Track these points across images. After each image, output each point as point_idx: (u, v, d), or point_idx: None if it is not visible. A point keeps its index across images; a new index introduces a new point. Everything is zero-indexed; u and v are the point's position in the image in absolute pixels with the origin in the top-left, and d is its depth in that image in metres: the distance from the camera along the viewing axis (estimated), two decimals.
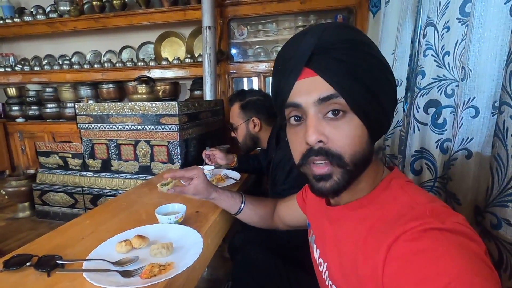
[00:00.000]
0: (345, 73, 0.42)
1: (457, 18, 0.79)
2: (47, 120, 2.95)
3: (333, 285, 0.50)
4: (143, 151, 1.70)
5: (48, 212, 1.96)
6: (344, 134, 0.43)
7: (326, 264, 0.53)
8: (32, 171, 2.18)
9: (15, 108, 3.09)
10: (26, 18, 2.86)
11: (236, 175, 1.24)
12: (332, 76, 0.42)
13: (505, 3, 0.64)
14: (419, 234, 0.36)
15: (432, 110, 0.86)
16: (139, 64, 2.72)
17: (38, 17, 2.83)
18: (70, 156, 1.86)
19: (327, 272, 0.53)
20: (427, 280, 0.33)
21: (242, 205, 0.82)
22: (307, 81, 0.43)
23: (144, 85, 1.82)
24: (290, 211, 0.76)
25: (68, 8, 2.75)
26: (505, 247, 0.54)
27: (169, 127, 1.62)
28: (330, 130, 0.43)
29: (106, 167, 1.80)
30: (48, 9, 2.89)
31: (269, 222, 0.83)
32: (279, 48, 2.58)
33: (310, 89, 0.43)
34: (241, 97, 1.26)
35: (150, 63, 2.69)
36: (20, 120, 2.99)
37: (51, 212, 1.96)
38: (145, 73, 2.63)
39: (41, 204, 1.97)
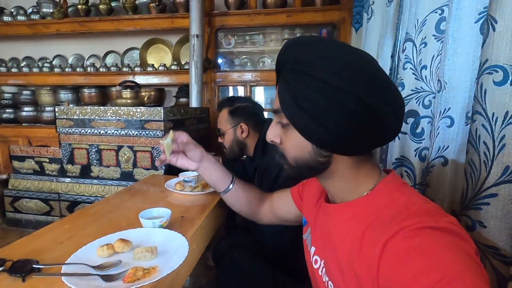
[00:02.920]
0: (287, 93, 0.47)
1: (433, 35, 0.85)
2: (23, 124, 2.82)
3: (329, 282, 0.51)
4: (125, 156, 1.66)
5: (20, 220, 1.85)
6: (288, 140, 0.52)
7: (323, 261, 0.54)
8: (4, 176, 2.06)
9: None
10: (6, 18, 2.76)
11: None
12: (280, 94, 0.49)
13: (475, 22, 0.69)
14: (414, 231, 0.38)
15: (411, 120, 0.91)
16: (124, 69, 2.68)
17: (19, 17, 2.75)
18: (47, 161, 1.78)
19: (324, 269, 0.53)
20: (420, 275, 0.34)
21: (231, 184, 0.79)
22: (277, 91, 0.51)
23: (129, 90, 1.79)
24: (284, 203, 0.77)
25: (51, 10, 2.69)
26: (480, 248, 0.57)
27: (154, 132, 1.60)
28: (281, 135, 0.53)
29: (85, 172, 1.74)
30: (29, 10, 2.81)
31: (255, 209, 0.81)
32: (265, 59, 2.66)
33: (275, 99, 0.52)
34: (230, 103, 1.26)
35: (135, 69, 2.66)
36: None
37: (23, 220, 1.85)
38: (130, 78, 2.59)
39: (12, 212, 1.86)
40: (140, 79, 2.62)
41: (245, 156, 1.34)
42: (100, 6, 2.60)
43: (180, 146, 0.76)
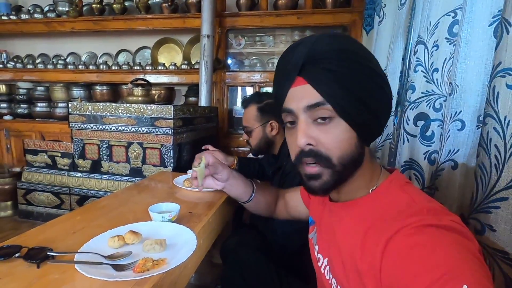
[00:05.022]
0: (332, 81, 0.45)
1: (445, 38, 0.84)
2: (36, 119, 2.89)
3: (333, 279, 0.51)
4: (135, 153, 1.69)
5: (32, 212, 1.90)
6: (332, 137, 0.47)
7: (326, 259, 0.55)
8: (17, 169, 2.12)
9: (3, 105, 3.01)
10: (23, 16, 2.84)
11: None
12: (320, 84, 0.46)
13: (489, 25, 0.69)
14: (416, 229, 0.38)
15: (421, 123, 0.90)
16: (135, 67, 2.73)
17: (36, 15, 2.83)
18: (59, 155, 1.82)
19: (327, 267, 0.54)
20: (422, 272, 0.34)
21: (253, 193, 0.81)
22: (299, 89, 0.48)
23: (140, 88, 1.82)
24: (296, 204, 0.78)
25: (67, 9, 2.76)
26: (488, 252, 0.56)
27: (163, 130, 1.62)
28: (319, 134, 0.47)
29: (96, 168, 1.77)
30: (46, 9, 2.89)
31: (272, 209, 0.84)
32: (275, 60, 2.66)
33: (301, 96, 0.47)
34: (258, 99, 1.20)
35: (147, 67, 2.71)
36: (7, 117, 2.92)
37: (34, 212, 1.90)
38: (141, 76, 2.63)
39: (24, 204, 1.91)
40: (151, 78, 2.66)
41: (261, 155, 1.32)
42: (114, 5, 2.66)
43: (211, 170, 0.78)
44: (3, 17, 2.87)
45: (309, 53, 0.46)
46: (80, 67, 2.83)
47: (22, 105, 2.97)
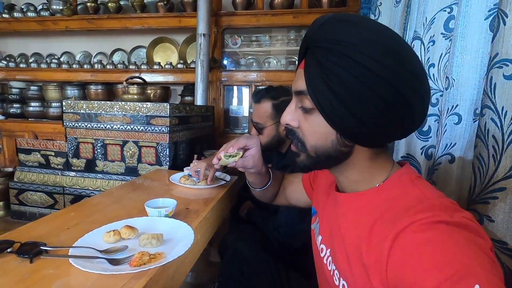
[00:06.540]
0: (318, 74, 0.42)
1: (441, 33, 0.85)
2: (29, 119, 2.84)
3: (336, 270, 0.51)
4: (130, 151, 1.67)
5: (24, 212, 1.87)
6: (309, 127, 0.48)
7: (329, 250, 0.54)
8: (10, 169, 2.08)
9: None
10: (16, 14, 2.80)
11: (226, 177, 1.24)
12: (309, 74, 0.44)
13: (485, 19, 0.69)
14: (427, 225, 0.37)
15: None
16: (130, 67, 2.71)
17: (29, 14, 2.79)
18: (53, 154, 1.80)
19: (330, 258, 0.53)
20: (431, 269, 0.33)
21: (270, 181, 0.78)
22: (299, 71, 0.47)
23: (135, 86, 1.81)
24: (295, 191, 0.77)
25: (61, 7, 2.73)
26: None
27: (159, 128, 1.60)
28: (301, 120, 0.48)
29: (90, 167, 1.75)
30: (39, 7, 2.85)
31: (274, 198, 0.83)
32: (271, 59, 2.67)
33: (297, 79, 0.48)
34: (273, 95, 1.13)
35: (142, 67, 2.69)
36: None
37: (27, 213, 1.86)
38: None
39: (17, 204, 1.87)
40: (146, 77, 2.64)
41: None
42: (109, 4, 2.63)
43: (238, 164, 0.69)
44: None
45: (312, 36, 0.44)
46: (74, 66, 2.80)
47: (14, 105, 2.93)
